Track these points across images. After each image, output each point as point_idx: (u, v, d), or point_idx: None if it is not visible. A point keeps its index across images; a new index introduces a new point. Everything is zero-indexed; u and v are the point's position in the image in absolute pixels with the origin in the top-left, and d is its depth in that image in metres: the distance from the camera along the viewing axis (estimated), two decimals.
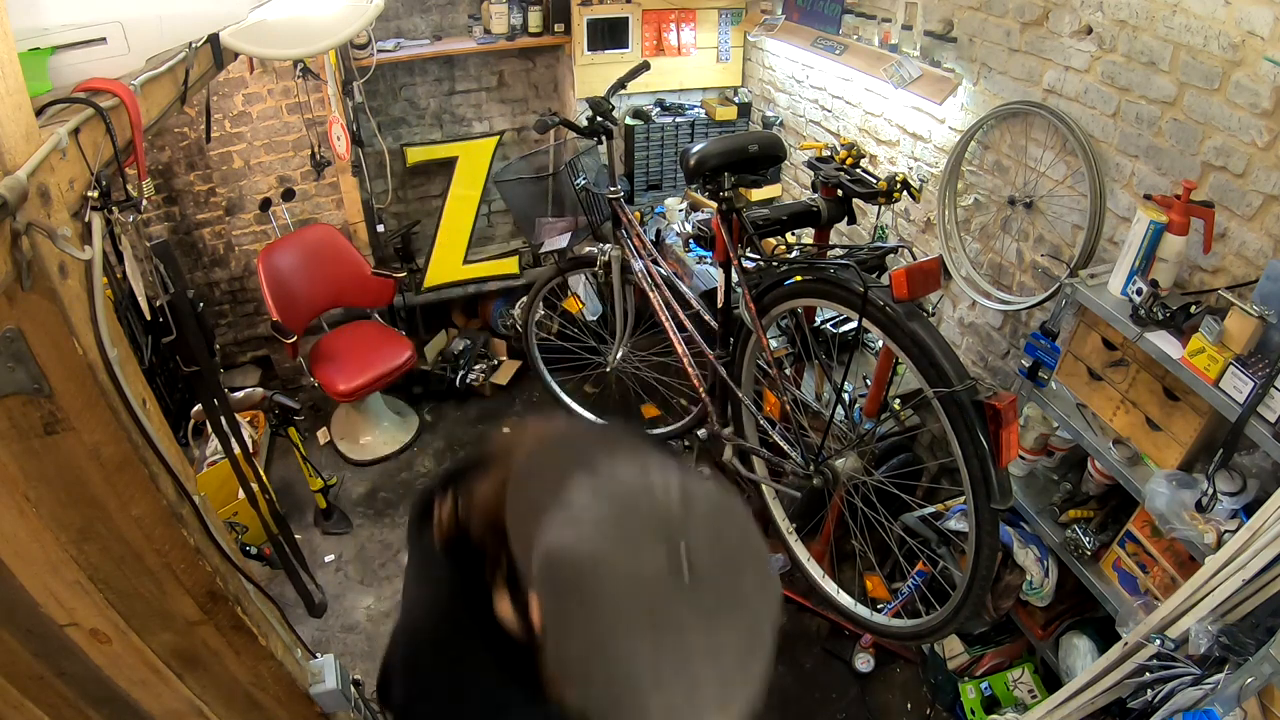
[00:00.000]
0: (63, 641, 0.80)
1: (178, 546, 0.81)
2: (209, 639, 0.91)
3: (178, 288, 0.93)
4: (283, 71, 3.25)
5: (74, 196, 0.69)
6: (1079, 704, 1.56)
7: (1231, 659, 1.30)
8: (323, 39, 1.41)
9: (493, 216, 4.06)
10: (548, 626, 0.56)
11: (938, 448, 2.70)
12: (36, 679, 0.83)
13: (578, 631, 0.54)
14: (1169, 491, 1.64)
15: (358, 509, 3.22)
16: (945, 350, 1.68)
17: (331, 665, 1.15)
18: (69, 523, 0.73)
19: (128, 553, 0.78)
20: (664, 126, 3.52)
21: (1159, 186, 1.83)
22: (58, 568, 0.75)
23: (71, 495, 0.72)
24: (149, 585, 0.82)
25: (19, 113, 0.61)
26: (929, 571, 2.29)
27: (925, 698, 2.44)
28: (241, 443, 1.11)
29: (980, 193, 2.41)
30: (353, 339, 3.42)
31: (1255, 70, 1.57)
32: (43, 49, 0.77)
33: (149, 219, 3.30)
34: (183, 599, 0.85)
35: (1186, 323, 1.63)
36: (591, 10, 3.28)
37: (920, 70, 2.42)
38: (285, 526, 1.45)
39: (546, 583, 0.56)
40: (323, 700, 1.12)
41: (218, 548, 0.87)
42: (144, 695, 0.91)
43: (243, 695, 1.01)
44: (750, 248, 2.12)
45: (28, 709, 0.85)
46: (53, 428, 0.67)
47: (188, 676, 0.94)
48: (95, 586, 0.78)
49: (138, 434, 0.73)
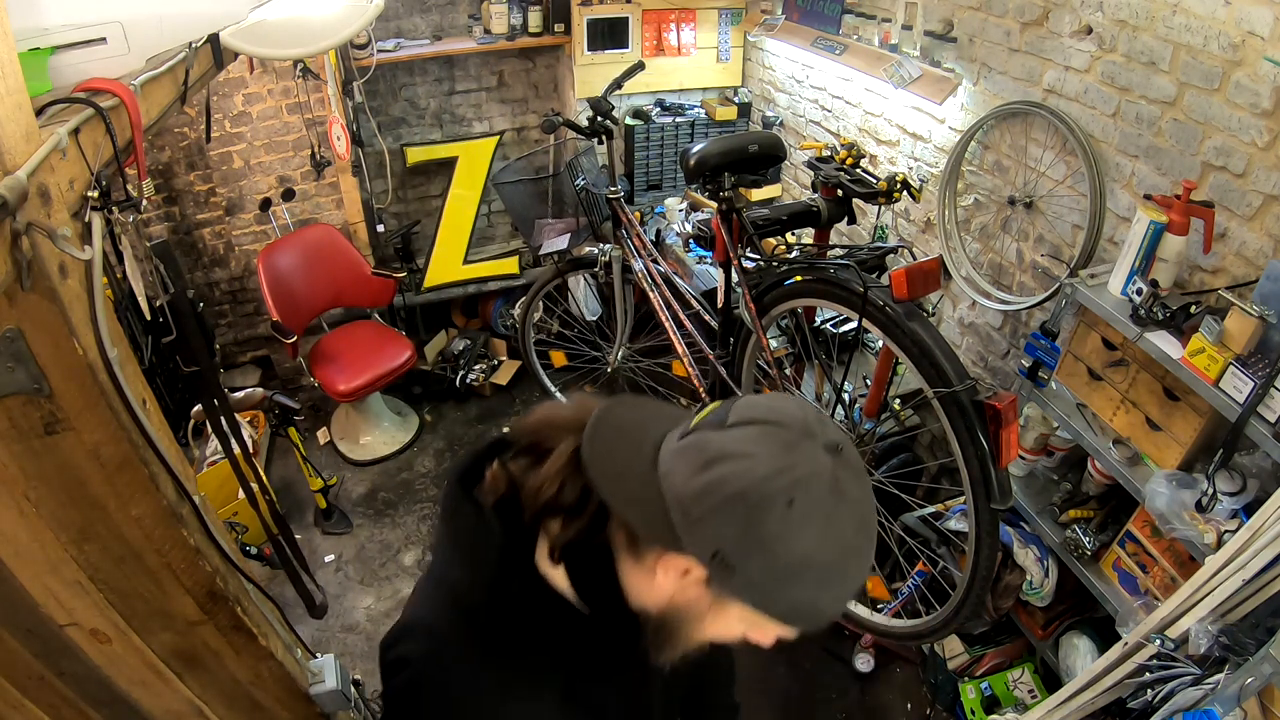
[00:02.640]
0: (63, 641, 0.80)
1: (178, 546, 0.81)
2: (209, 639, 0.91)
3: (178, 288, 0.93)
4: (283, 71, 3.25)
5: (74, 196, 0.69)
6: (1079, 704, 1.56)
7: (1231, 659, 1.30)
8: (323, 39, 1.41)
9: (493, 216, 4.06)
10: (735, 562, 0.63)
11: (938, 448, 2.70)
12: (36, 679, 0.83)
13: (775, 550, 0.62)
14: (1169, 491, 1.64)
15: (358, 509, 3.22)
16: (945, 350, 1.67)
17: (331, 665, 1.15)
18: (69, 523, 0.73)
19: (128, 553, 0.78)
20: (664, 126, 3.52)
21: (1159, 186, 1.83)
22: (58, 568, 0.75)
23: (71, 495, 0.72)
24: (149, 585, 0.82)
25: (19, 113, 0.61)
26: (929, 571, 2.28)
27: (925, 698, 2.44)
28: (241, 443, 1.11)
29: (980, 193, 2.41)
30: (353, 339, 3.42)
31: (1255, 70, 1.57)
32: (43, 49, 0.76)
33: (149, 219, 3.30)
34: (183, 599, 0.85)
35: (1186, 323, 1.63)
36: (591, 10, 3.28)
37: (920, 70, 2.42)
38: (285, 526, 1.45)
39: (731, 522, 0.62)
40: (323, 700, 1.12)
41: (218, 548, 0.87)
42: (144, 695, 0.91)
43: (243, 695, 1.01)
44: (750, 248, 2.12)
45: (28, 709, 0.85)
46: (53, 428, 0.67)
47: (188, 676, 0.94)
48: (95, 586, 0.78)
49: (138, 434, 0.73)
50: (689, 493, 0.64)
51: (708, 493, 0.63)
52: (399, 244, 3.70)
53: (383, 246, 3.72)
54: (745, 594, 0.65)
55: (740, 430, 0.65)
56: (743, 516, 0.62)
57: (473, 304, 4.14)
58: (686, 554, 0.65)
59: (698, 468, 0.64)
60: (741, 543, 0.62)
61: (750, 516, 0.62)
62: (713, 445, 0.65)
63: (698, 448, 0.66)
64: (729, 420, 0.66)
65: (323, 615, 1.83)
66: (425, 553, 3.02)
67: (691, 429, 0.68)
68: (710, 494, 0.63)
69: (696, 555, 0.64)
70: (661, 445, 0.69)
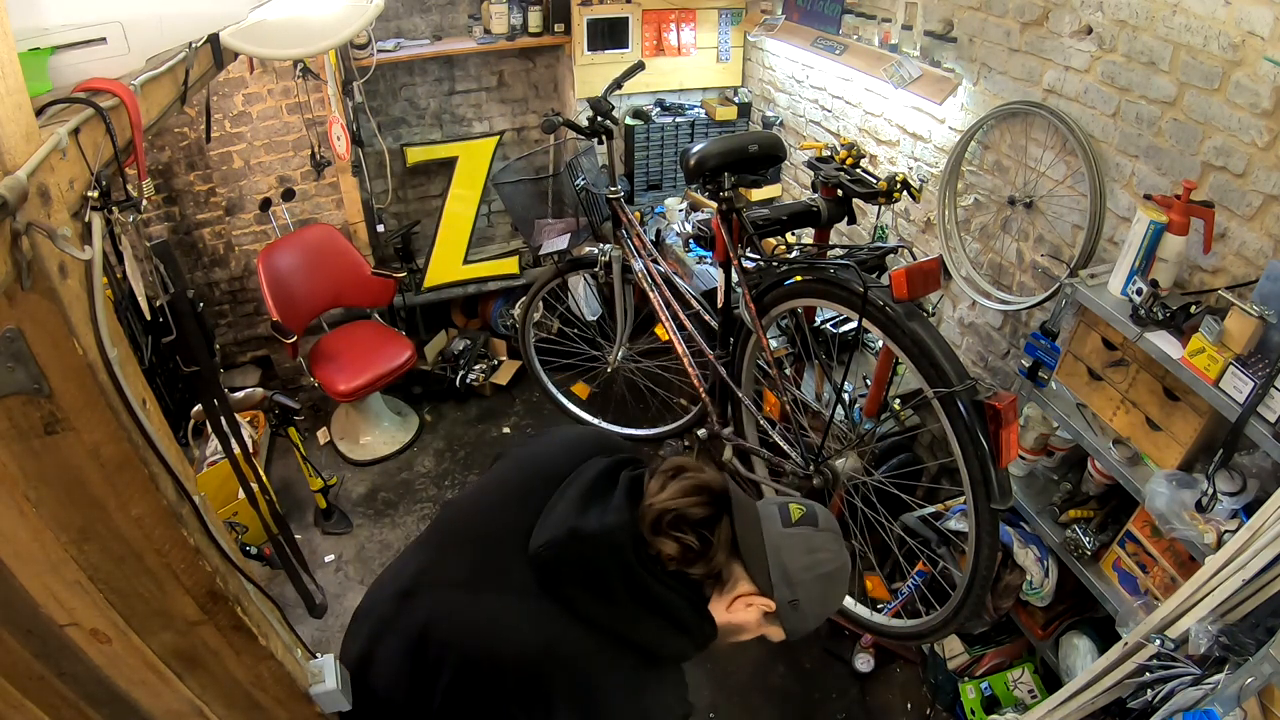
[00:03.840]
0: (63, 641, 0.80)
1: (178, 546, 0.81)
2: (209, 639, 0.91)
3: (178, 288, 0.93)
4: (283, 71, 3.25)
5: (74, 196, 0.69)
6: (1079, 704, 1.56)
7: (1231, 659, 1.30)
8: (323, 39, 1.40)
9: (493, 216, 4.07)
10: (804, 608, 1.05)
11: (938, 448, 2.70)
12: (36, 679, 0.83)
13: (827, 601, 1.09)
14: (1169, 491, 1.64)
15: (358, 509, 3.22)
16: (945, 350, 1.67)
17: (331, 665, 1.15)
18: (69, 523, 0.73)
19: (128, 553, 0.78)
20: (664, 126, 3.52)
21: (1159, 186, 1.83)
22: (58, 568, 0.75)
23: (71, 495, 0.72)
24: (149, 585, 0.81)
25: (19, 113, 0.61)
26: (929, 571, 2.28)
27: (925, 698, 2.44)
28: (241, 443, 1.11)
29: (980, 193, 2.41)
30: (353, 339, 3.42)
31: (1255, 70, 1.57)
32: (43, 49, 0.76)
33: (149, 219, 3.30)
34: (183, 599, 0.85)
35: (1186, 323, 1.63)
36: (591, 10, 3.28)
37: (920, 70, 2.42)
38: (285, 526, 1.45)
39: (816, 587, 1.06)
40: (322, 700, 1.12)
41: (218, 548, 0.87)
42: (144, 695, 0.91)
43: (243, 695, 1.01)
44: (750, 248, 2.12)
45: (28, 709, 0.85)
46: (53, 428, 0.67)
47: (188, 676, 0.93)
48: (95, 586, 0.78)
49: (138, 434, 0.73)
50: (798, 567, 1.04)
51: (810, 569, 1.04)
52: (399, 244, 3.70)
53: (383, 246, 3.72)
54: (790, 623, 1.06)
55: (826, 534, 1.08)
56: (823, 585, 1.06)
57: (473, 304, 4.14)
58: (773, 598, 1.03)
59: (805, 552, 1.05)
60: (814, 599, 1.05)
61: (826, 585, 1.06)
62: (815, 541, 1.07)
63: (805, 539, 1.06)
64: (819, 525, 1.08)
65: (323, 615, 1.83)
66: None
67: (794, 522, 1.07)
68: (811, 570, 1.05)
69: (778, 600, 1.03)
70: (764, 523, 1.06)
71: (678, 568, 1.00)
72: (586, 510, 1.01)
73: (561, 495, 1.05)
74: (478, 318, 4.16)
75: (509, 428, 3.69)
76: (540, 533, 1.01)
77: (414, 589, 1.09)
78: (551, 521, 1.02)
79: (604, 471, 1.08)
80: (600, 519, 1.00)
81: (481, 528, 1.11)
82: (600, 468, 1.08)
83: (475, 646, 1.00)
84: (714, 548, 1.01)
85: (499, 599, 1.02)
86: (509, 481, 1.18)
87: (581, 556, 0.99)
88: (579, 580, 0.99)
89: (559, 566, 0.99)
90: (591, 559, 0.99)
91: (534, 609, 0.99)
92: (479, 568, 1.06)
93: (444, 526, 1.20)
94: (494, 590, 1.03)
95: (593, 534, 0.99)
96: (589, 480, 1.06)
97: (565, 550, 0.99)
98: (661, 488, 1.04)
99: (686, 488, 1.02)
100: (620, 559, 0.98)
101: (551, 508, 1.04)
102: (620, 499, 1.03)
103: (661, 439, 3.23)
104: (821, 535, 1.07)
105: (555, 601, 0.99)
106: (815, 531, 1.06)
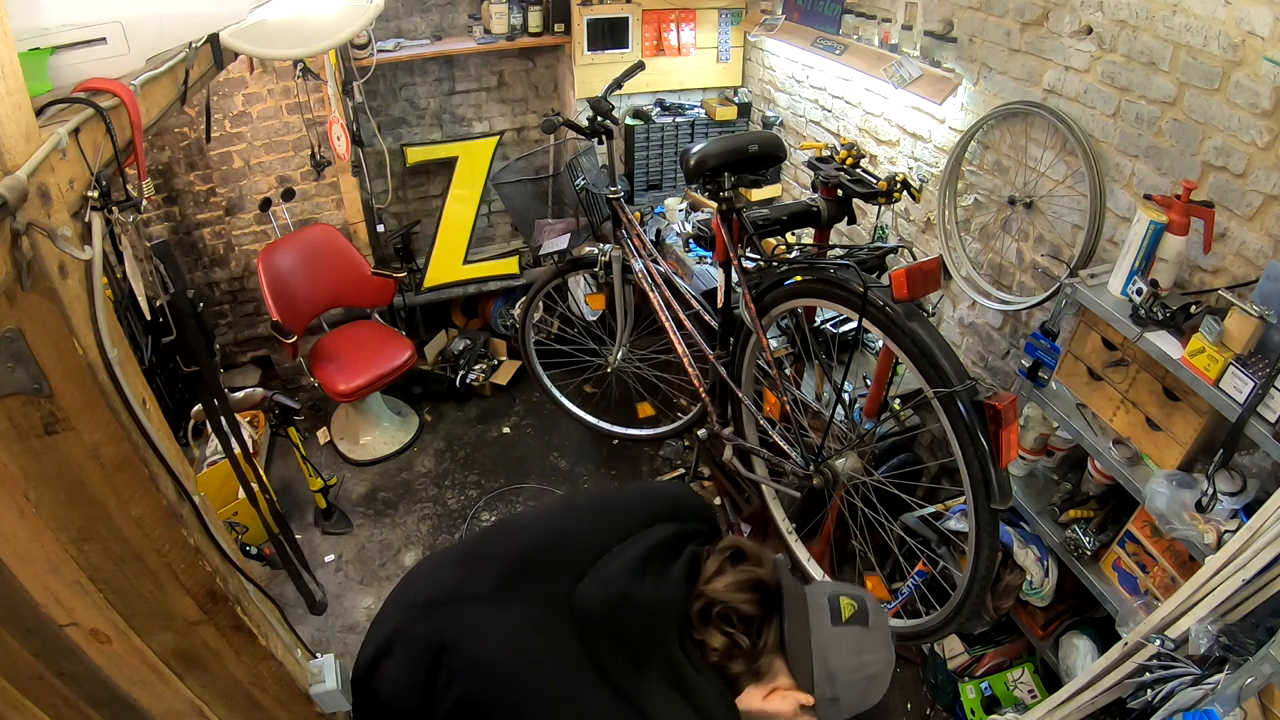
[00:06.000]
0: (63, 641, 0.80)
1: (178, 546, 0.81)
2: (209, 639, 0.91)
3: (178, 288, 0.93)
4: (283, 71, 3.25)
5: (74, 196, 0.69)
6: (1079, 704, 1.56)
7: (1231, 659, 1.30)
8: (323, 39, 1.41)
9: (493, 216, 4.07)
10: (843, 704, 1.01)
11: (938, 448, 2.70)
12: (36, 679, 0.83)
13: (866, 699, 1.03)
14: (1169, 491, 1.64)
15: (358, 509, 3.22)
16: (945, 350, 1.67)
17: (331, 665, 1.15)
18: (69, 523, 0.73)
19: (128, 553, 0.78)
20: (664, 126, 3.52)
21: (1159, 186, 1.83)
22: (58, 568, 0.75)
23: (71, 495, 0.72)
24: (149, 585, 0.81)
25: (19, 113, 0.61)
26: (929, 571, 2.28)
27: (925, 698, 2.44)
28: (241, 443, 1.11)
29: (980, 193, 2.41)
30: (353, 339, 3.42)
31: (1255, 70, 1.57)
32: (43, 49, 0.77)
33: (149, 219, 3.30)
34: (183, 599, 0.85)
35: (1186, 323, 1.63)
36: (591, 10, 3.28)
37: (920, 70, 2.42)
38: (285, 526, 1.45)
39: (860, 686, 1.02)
40: (322, 700, 1.12)
41: (218, 548, 0.87)
42: (144, 695, 0.91)
43: (243, 695, 1.01)
44: (750, 248, 2.12)
45: (28, 709, 0.85)
46: (53, 428, 0.67)
47: (188, 676, 0.94)
48: (95, 586, 0.78)
49: (138, 434, 0.73)
50: (844, 669, 1.01)
51: (855, 670, 1.01)
52: (399, 244, 3.70)
53: (383, 246, 3.72)
54: (825, 714, 1.02)
55: (876, 634, 1.04)
56: (866, 684, 1.02)
57: (473, 304, 4.14)
58: (812, 694, 1.00)
59: (853, 654, 1.02)
60: (854, 696, 1.02)
61: (868, 685, 1.02)
62: (864, 642, 1.03)
63: (854, 640, 1.02)
64: (870, 623, 1.03)
65: (322, 612, 1.83)
66: (425, 552, 3.01)
67: (845, 620, 1.03)
68: (857, 671, 1.01)
69: (818, 696, 1.00)
70: (813, 617, 1.03)
71: (719, 660, 0.99)
72: (643, 576, 1.01)
73: (621, 553, 1.04)
74: (478, 318, 4.17)
75: (509, 428, 3.69)
76: (591, 585, 1.00)
77: (443, 599, 1.07)
78: (605, 576, 1.01)
79: (669, 540, 1.07)
80: (655, 590, 1.00)
81: (531, 552, 1.09)
82: (667, 534, 1.07)
83: (490, 677, 0.98)
84: (761, 650, 1.00)
85: (525, 632, 1.00)
86: (573, 515, 1.19)
87: (625, 622, 0.98)
88: (617, 644, 0.98)
89: (602, 625, 0.98)
90: (636, 628, 0.98)
91: (561, 652, 0.97)
92: (515, 592, 1.04)
93: (494, 545, 1.19)
94: (526, 623, 1.01)
95: (644, 604, 0.98)
96: (652, 544, 1.05)
97: (613, 612, 0.98)
98: (718, 571, 1.03)
99: (742, 582, 1.01)
100: (663, 637, 0.98)
101: (608, 563, 1.03)
102: (679, 573, 1.02)
103: (661, 439, 3.23)
104: (871, 635, 1.04)
105: (585, 653, 0.97)
106: (865, 631, 1.03)
